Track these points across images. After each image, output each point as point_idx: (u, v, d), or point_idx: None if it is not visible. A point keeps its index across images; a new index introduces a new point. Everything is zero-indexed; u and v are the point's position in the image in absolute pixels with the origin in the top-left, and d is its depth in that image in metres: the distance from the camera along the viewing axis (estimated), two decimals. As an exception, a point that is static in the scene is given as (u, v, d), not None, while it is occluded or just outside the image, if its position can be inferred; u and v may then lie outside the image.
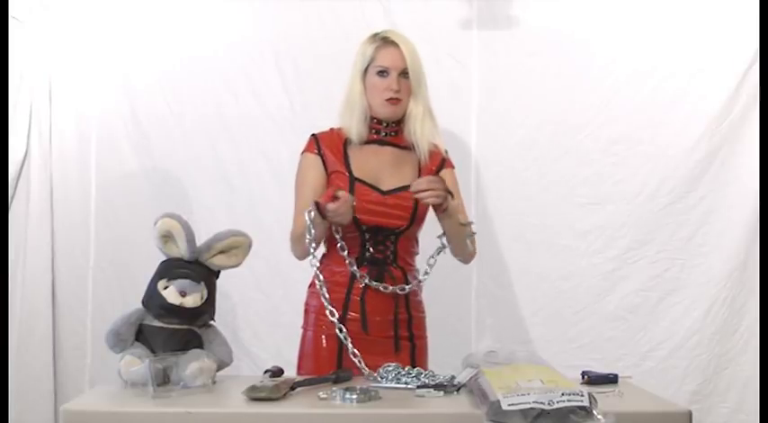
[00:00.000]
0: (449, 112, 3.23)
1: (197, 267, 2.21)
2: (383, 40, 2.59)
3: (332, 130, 2.65)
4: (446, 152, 2.69)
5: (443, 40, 3.36)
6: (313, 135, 2.64)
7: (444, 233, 2.57)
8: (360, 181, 2.56)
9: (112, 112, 3.44)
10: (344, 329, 2.46)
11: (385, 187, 2.58)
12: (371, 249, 2.54)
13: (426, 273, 2.59)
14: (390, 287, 2.52)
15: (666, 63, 3.31)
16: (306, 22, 3.40)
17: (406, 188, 2.57)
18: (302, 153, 2.64)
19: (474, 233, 2.54)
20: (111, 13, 3.42)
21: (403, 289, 2.53)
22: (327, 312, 2.46)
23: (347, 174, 2.57)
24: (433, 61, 3.25)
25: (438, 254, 2.58)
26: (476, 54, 3.37)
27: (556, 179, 3.36)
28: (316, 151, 2.61)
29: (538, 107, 3.36)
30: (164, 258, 2.24)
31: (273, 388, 1.96)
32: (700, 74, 3.29)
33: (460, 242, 2.56)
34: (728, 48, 3.27)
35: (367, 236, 2.54)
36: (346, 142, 2.61)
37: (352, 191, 2.53)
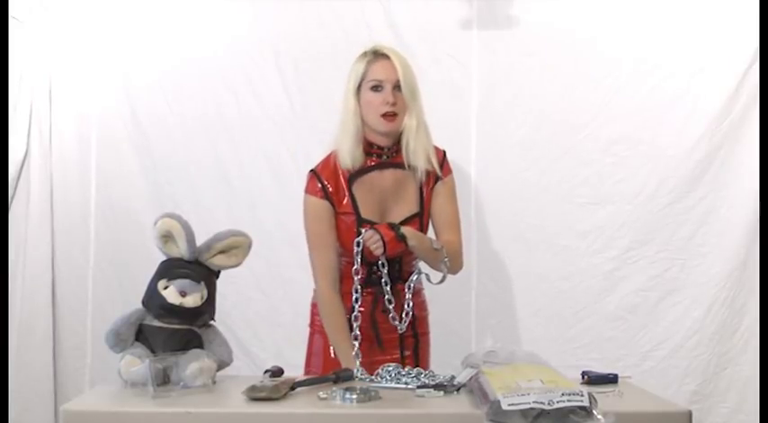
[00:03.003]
0: (449, 113, 3.24)
1: (197, 267, 2.20)
2: (374, 55, 2.55)
3: (330, 159, 2.58)
4: (444, 154, 2.65)
5: (443, 40, 3.36)
6: (313, 172, 2.57)
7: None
8: (367, 221, 2.53)
9: (112, 112, 3.44)
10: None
11: (390, 221, 2.55)
12: (377, 271, 2.52)
13: (409, 304, 2.51)
14: (396, 322, 2.50)
15: (666, 63, 3.31)
16: (306, 22, 3.40)
17: (410, 219, 2.56)
18: (306, 193, 2.57)
19: (447, 257, 2.51)
20: (110, 14, 3.42)
21: (402, 329, 2.51)
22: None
23: (354, 214, 2.54)
24: (433, 61, 3.27)
25: (415, 279, 2.55)
26: (476, 54, 3.37)
27: (556, 179, 3.36)
28: (321, 193, 2.54)
29: (538, 107, 3.36)
30: (164, 258, 2.23)
31: (273, 388, 1.96)
32: (700, 74, 3.29)
33: (435, 266, 2.55)
34: (728, 47, 3.27)
35: (374, 264, 2.51)
36: (350, 177, 2.54)
37: (359, 231, 2.49)
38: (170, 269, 2.19)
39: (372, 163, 2.57)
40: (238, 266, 2.29)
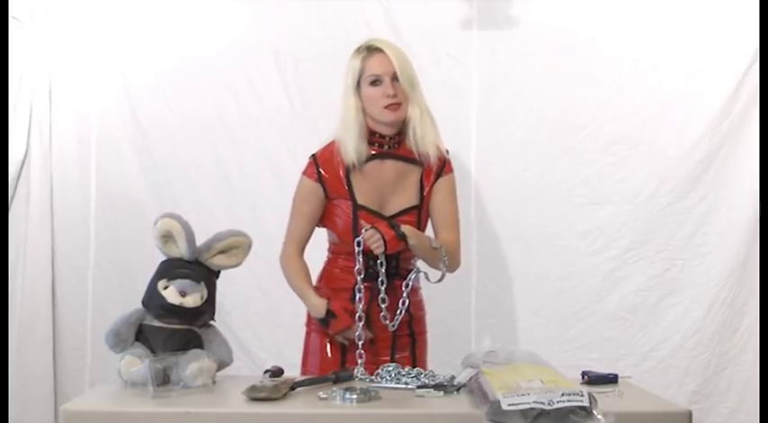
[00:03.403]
0: (449, 112, 3.23)
1: (197, 267, 2.20)
2: (368, 50, 2.56)
3: (332, 146, 2.59)
4: (447, 152, 2.67)
5: (443, 40, 3.36)
6: (313, 156, 2.60)
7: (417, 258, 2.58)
8: (363, 208, 2.54)
9: (112, 112, 3.44)
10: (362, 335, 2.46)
11: (388, 211, 2.56)
12: (375, 268, 2.51)
13: (404, 302, 2.51)
14: (387, 322, 2.49)
15: (666, 63, 3.31)
16: (306, 22, 3.40)
17: (408, 211, 2.57)
18: (302, 174, 2.60)
19: (446, 256, 2.51)
20: (110, 14, 3.42)
21: (394, 326, 2.51)
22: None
23: (350, 201, 2.55)
24: (433, 61, 3.27)
25: (414, 278, 2.55)
26: (476, 54, 3.37)
27: (556, 179, 3.36)
28: (315, 177, 2.57)
29: (538, 107, 3.36)
30: (164, 258, 2.23)
31: (273, 388, 1.96)
32: (700, 74, 3.29)
33: (434, 265, 2.55)
34: (728, 47, 3.27)
35: (370, 258, 2.51)
36: (347, 164, 2.56)
37: (355, 218, 2.52)
38: (170, 269, 2.19)
39: (373, 152, 2.57)
40: (238, 266, 2.29)
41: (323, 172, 2.56)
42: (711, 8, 3.28)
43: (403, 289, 2.53)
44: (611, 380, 2.18)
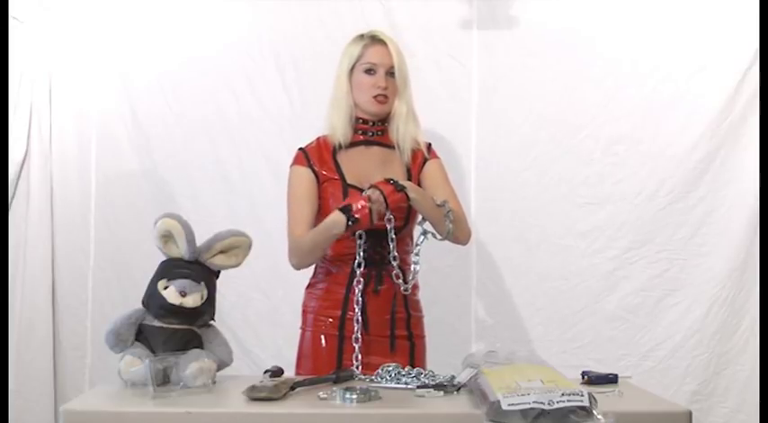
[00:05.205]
0: (449, 112, 3.25)
1: (197, 267, 2.20)
2: (371, 39, 2.61)
3: (317, 140, 2.65)
4: (429, 145, 2.69)
5: (443, 40, 3.36)
6: (300, 149, 2.64)
7: (424, 219, 2.56)
8: (352, 186, 2.56)
9: (112, 112, 3.44)
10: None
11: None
12: (370, 251, 2.53)
13: (416, 263, 2.51)
14: (401, 282, 2.48)
15: (666, 63, 3.31)
16: (306, 22, 3.41)
17: None
18: (291, 166, 2.63)
19: (450, 210, 2.50)
20: (111, 13, 3.43)
21: (407, 290, 2.51)
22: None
23: (340, 180, 2.58)
24: (433, 61, 3.28)
25: (422, 241, 2.52)
26: (476, 54, 3.38)
27: (556, 179, 3.36)
28: (305, 163, 2.61)
29: (538, 107, 3.36)
30: (164, 258, 2.23)
31: (273, 388, 1.96)
32: (700, 74, 3.29)
33: (439, 223, 2.52)
34: (728, 47, 3.27)
35: (364, 239, 2.51)
36: (334, 150, 2.61)
37: (345, 196, 2.54)
38: (170, 269, 2.19)
39: (359, 138, 2.62)
40: (238, 266, 2.29)
41: (311, 159, 2.60)
42: (711, 8, 3.29)
43: (415, 252, 2.52)
44: (611, 380, 2.17)
